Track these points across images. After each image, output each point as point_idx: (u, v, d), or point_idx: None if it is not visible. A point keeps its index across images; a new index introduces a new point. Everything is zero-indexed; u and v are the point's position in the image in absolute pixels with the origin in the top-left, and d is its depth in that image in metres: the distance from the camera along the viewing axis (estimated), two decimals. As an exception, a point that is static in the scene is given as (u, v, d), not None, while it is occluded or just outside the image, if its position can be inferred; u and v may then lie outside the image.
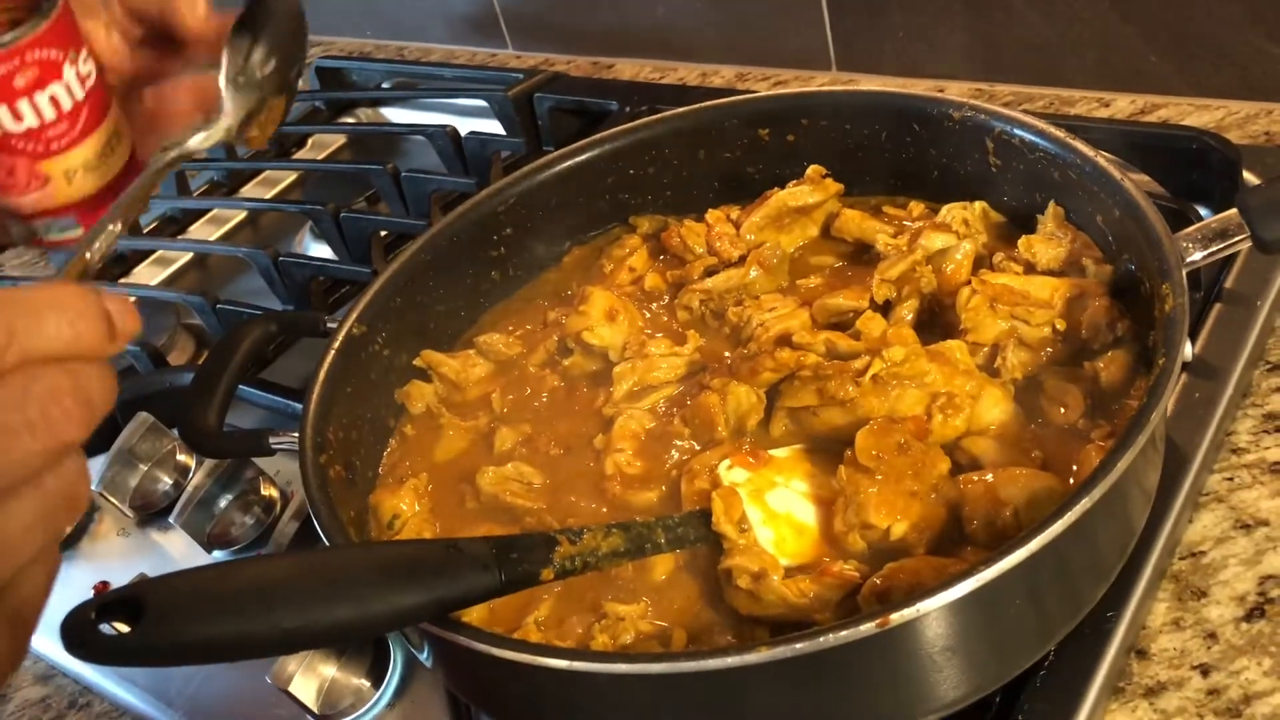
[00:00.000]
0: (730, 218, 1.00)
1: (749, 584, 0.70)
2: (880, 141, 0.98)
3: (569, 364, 0.93)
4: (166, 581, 0.56)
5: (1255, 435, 0.85)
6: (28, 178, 0.69)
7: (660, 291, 0.98)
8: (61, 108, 0.67)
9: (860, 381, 0.78)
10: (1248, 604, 0.74)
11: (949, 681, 0.65)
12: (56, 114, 0.67)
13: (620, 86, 1.52)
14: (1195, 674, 0.72)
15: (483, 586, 0.63)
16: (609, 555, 0.70)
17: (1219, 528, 0.80)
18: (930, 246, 0.88)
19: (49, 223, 0.71)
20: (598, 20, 1.61)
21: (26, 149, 0.68)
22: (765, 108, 1.01)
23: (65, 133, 0.68)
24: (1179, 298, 0.70)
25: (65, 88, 0.67)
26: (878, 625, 0.58)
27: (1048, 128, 0.86)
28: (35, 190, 0.70)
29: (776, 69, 1.48)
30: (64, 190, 0.70)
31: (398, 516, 0.83)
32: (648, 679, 0.63)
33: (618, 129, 1.03)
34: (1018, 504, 0.70)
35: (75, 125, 0.69)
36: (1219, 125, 1.15)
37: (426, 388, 0.94)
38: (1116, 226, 0.81)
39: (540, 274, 1.04)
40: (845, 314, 0.87)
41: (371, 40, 1.94)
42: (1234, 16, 1.12)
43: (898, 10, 1.32)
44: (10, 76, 0.64)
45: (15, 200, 0.70)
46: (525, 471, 0.84)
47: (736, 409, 0.82)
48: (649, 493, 0.81)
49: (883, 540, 0.71)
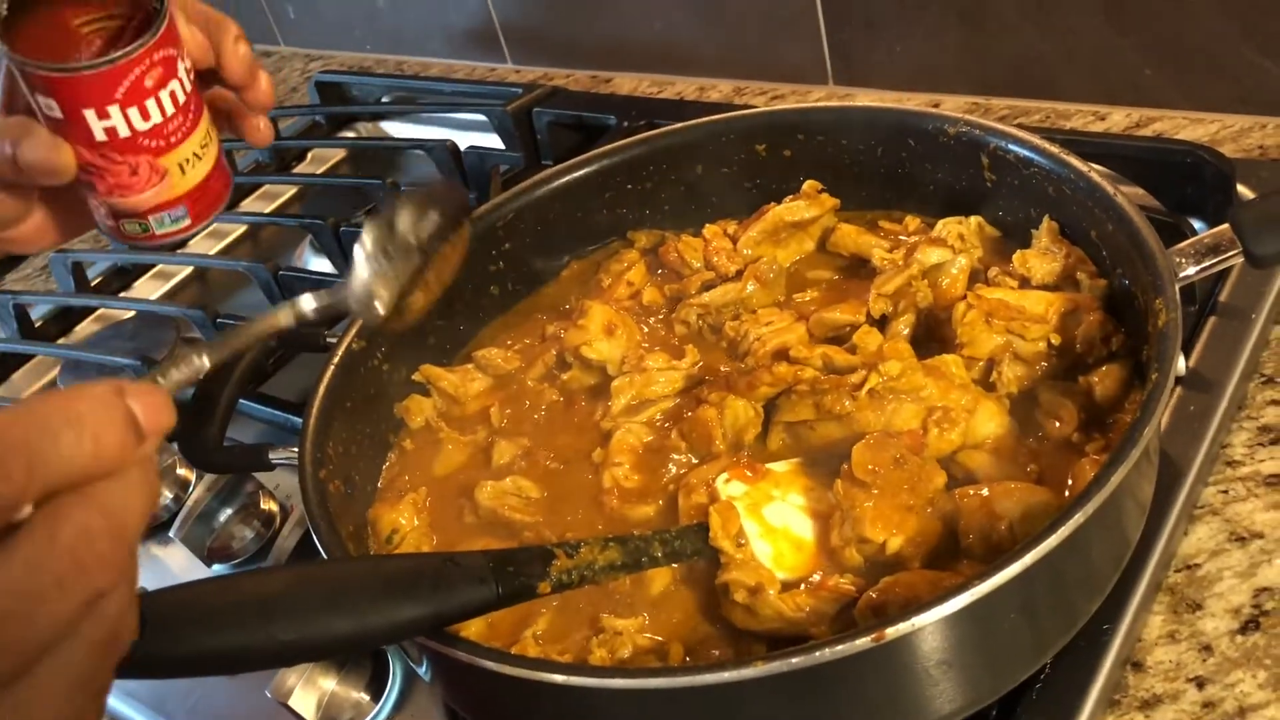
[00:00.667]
0: (727, 232, 1.01)
1: (745, 598, 0.70)
2: (876, 157, 0.98)
3: (567, 378, 0.93)
4: (167, 595, 0.57)
5: (1250, 448, 0.86)
6: (149, 173, 0.73)
7: (658, 306, 0.99)
8: (178, 101, 0.71)
9: (857, 396, 0.78)
10: (1243, 616, 0.75)
11: (945, 695, 0.65)
12: (174, 108, 0.71)
13: (618, 101, 1.53)
14: (1191, 686, 0.72)
15: (479, 600, 0.63)
16: (605, 569, 0.70)
17: (1214, 540, 0.80)
18: (926, 261, 0.89)
19: (163, 215, 0.75)
20: (596, 35, 1.62)
21: (150, 145, 0.71)
22: (761, 123, 1.02)
23: (180, 125, 0.72)
24: (1172, 312, 0.70)
25: (179, 82, 0.71)
26: (873, 639, 0.59)
27: (1042, 143, 0.87)
28: (154, 185, 0.73)
29: (774, 83, 1.49)
30: (179, 181, 0.74)
31: (396, 531, 0.84)
32: (645, 693, 0.63)
33: (615, 144, 1.04)
34: (1013, 518, 0.71)
35: (187, 117, 0.72)
36: (1214, 139, 1.16)
37: (425, 402, 0.94)
38: (1110, 241, 0.81)
39: (539, 288, 1.05)
40: (842, 328, 0.88)
41: (372, 55, 1.95)
42: (1228, 31, 1.13)
43: (894, 25, 1.33)
44: (141, 78, 0.68)
45: (135, 198, 0.73)
46: (523, 485, 0.84)
47: (734, 423, 0.83)
48: (646, 507, 0.81)
49: (879, 554, 0.72)
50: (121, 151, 0.71)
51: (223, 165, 0.78)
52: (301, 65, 2.00)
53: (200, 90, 0.74)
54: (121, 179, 0.72)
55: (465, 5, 1.72)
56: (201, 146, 0.75)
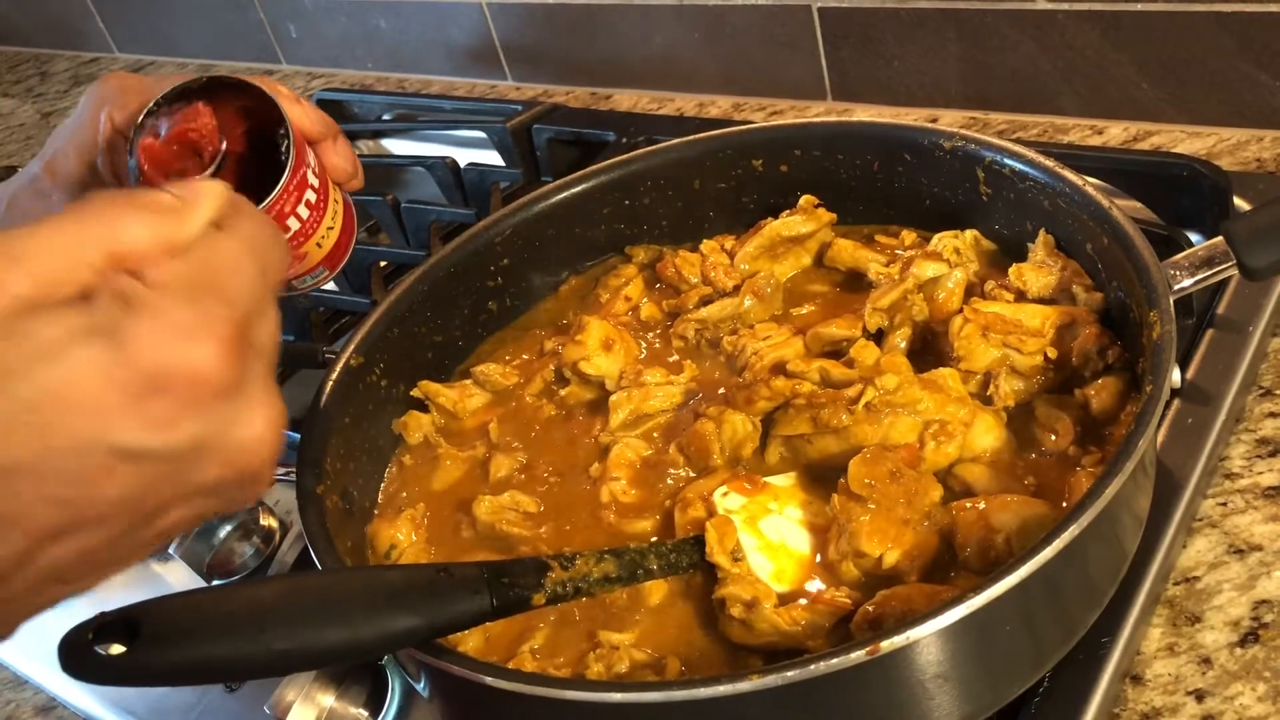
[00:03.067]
0: (725, 247, 1.01)
1: (742, 613, 0.70)
2: (872, 171, 0.98)
3: (565, 393, 0.94)
4: (162, 603, 0.57)
5: (1248, 460, 0.86)
6: (300, 259, 0.86)
7: (656, 321, 0.99)
8: (310, 204, 0.83)
9: (854, 409, 0.78)
10: (1242, 629, 0.75)
11: (942, 709, 0.65)
12: (309, 210, 0.83)
13: (617, 117, 1.54)
14: (1190, 700, 0.72)
15: (474, 611, 0.63)
16: (601, 581, 0.70)
17: (1213, 553, 0.80)
18: (922, 275, 0.89)
19: (304, 278, 0.88)
20: (595, 52, 1.62)
21: (297, 242, 0.84)
22: (758, 139, 1.02)
23: (314, 219, 0.84)
24: (1166, 325, 0.71)
25: (310, 189, 0.83)
26: (868, 653, 0.59)
27: (1037, 157, 0.87)
28: (294, 267, 0.87)
29: (772, 99, 1.50)
30: (316, 254, 0.87)
31: (395, 546, 0.84)
32: (641, 708, 0.63)
33: (614, 160, 1.04)
34: (1010, 531, 0.71)
35: (320, 209, 0.85)
36: (1210, 152, 1.16)
37: (424, 418, 0.94)
38: (1106, 254, 0.82)
39: (537, 304, 1.05)
40: (839, 343, 0.88)
41: (373, 73, 1.96)
42: (1225, 45, 1.13)
43: (892, 40, 1.34)
44: (281, 207, 0.81)
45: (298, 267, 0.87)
46: (521, 500, 0.85)
47: (732, 437, 0.83)
48: (644, 521, 0.81)
49: (875, 568, 0.72)
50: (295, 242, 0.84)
51: (350, 213, 0.89)
52: (303, 84, 2.01)
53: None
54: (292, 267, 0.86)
55: (466, 23, 1.73)
56: (333, 218, 0.86)
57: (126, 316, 0.47)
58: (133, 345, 0.47)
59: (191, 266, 0.50)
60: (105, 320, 0.47)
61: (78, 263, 0.48)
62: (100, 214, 0.50)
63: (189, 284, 0.50)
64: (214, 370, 0.49)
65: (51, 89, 2.39)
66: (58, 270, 0.47)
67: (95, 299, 0.47)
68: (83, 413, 0.46)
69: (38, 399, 0.45)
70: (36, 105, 2.34)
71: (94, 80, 2.33)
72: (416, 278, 0.97)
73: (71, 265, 0.47)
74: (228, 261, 0.52)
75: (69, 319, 0.46)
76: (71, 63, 2.47)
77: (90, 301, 0.47)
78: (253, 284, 0.53)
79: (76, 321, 0.46)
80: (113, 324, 0.47)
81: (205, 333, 0.49)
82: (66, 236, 0.48)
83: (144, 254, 0.49)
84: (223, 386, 0.49)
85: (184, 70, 2.25)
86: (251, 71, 2.13)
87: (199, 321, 0.49)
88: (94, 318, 0.47)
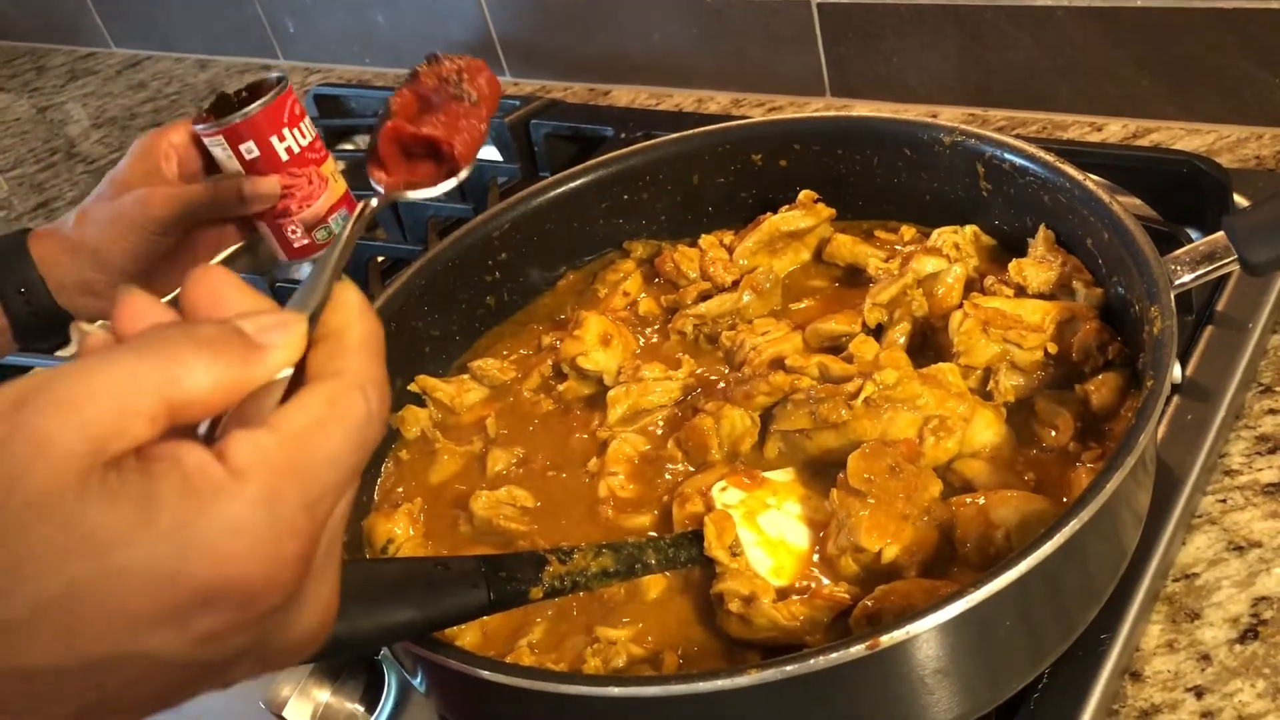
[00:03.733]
0: (723, 243, 1.01)
1: (740, 608, 0.70)
2: (872, 166, 0.98)
3: (563, 388, 0.93)
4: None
5: (1248, 457, 0.85)
6: (319, 181, 1.00)
7: (654, 316, 0.99)
8: (312, 127, 1.00)
9: (853, 405, 0.78)
10: (1241, 626, 0.74)
11: (941, 704, 0.65)
12: (313, 130, 1.00)
13: (616, 113, 1.53)
14: (1189, 696, 0.72)
15: (471, 604, 0.63)
16: (599, 575, 0.70)
17: (1212, 549, 0.80)
18: (921, 270, 0.89)
19: (337, 217, 1.02)
20: (594, 48, 1.62)
21: (313, 157, 1.00)
22: (757, 133, 1.02)
23: (321, 143, 1.01)
24: (1167, 320, 0.70)
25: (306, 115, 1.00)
26: (867, 647, 0.58)
27: (1037, 152, 0.87)
28: (324, 190, 1.01)
29: (771, 95, 1.49)
30: (336, 187, 1.02)
31: (392, 541, 0.83)
32: (639, 702, 0.62)
33: (612, 154, 1.04)
34: (1009, 526, 0.70)
35: (320, 139, 1.01)
36: (1210, 149, 1.16)
37: (421, 412, 0.94)
38: (1106, 249, 0.81)
39: (535, 299, 1.05)
40: (838, 338, 0.88)
41: (370, 68, 1.95)
42: (1224, 42, 1.13)
43: (891, 36, 1.34)
44: (292, 107, 0.98)
45: (316, 205, 1.01)
46: (518, 495, 0.84)
47: (730, 432, 0.82)
48: (642, 516, 0.81)
49: (875, 563, 0.71)
50: (300, 165, 0.99)
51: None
52: (301, 79, 2.00)
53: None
54: (304, 190, 0.99)
55: (463, 19, 1.73)
56: (334, 161, 1.03)
57: (189, 509, 0.39)
58: (191, 552, 0.39)
59: (284, 453, 0.41)
60: (162, 510, 0.39)
61: (133, 412, 0.39)
62: (159, 352, 0.41)
63: (275, 477, 0.41)
64: (279, 588, 0.41)
65: (48, 84, 2.38)
66: (109, 422, 0.39)
67: (153, 474, 0.39)
68: (118, 619, 0.39)
69: (67, 598, 0.38)
70: (32, 100, 2.33)
71: (90, 74, 2.33)
72: (413, 272, 0.97)
73: (125, 414, 0.39)
74: (326, 449, 0.43)
75: (119, 502, 0.38)
76: (68, 57, 2.47)
77: (146, 474, 0.39)
78: (349, 474, 0.44)
79: (127, 507, 0.38)
80: (171, 518, 0.39)
81: (278, 547, 0.41)
82: (120, 381, 0.39)
83: (206, 402, 0.41)
84: (283, 601, 0.42)
85: (180, 65, 2.25)
86: (249, 67, 2.13)
87: (276, 534, 0.41)
88: (148, 505, 0.39)
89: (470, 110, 0.78)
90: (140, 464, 0.39)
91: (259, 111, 0.96)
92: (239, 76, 2.11)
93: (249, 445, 0.41)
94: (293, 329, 0.44)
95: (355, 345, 0.46)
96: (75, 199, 1.88)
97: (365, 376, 0.45)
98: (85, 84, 2.31)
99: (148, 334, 0.42)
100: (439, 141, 0.76)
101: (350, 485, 0.45)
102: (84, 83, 2.32)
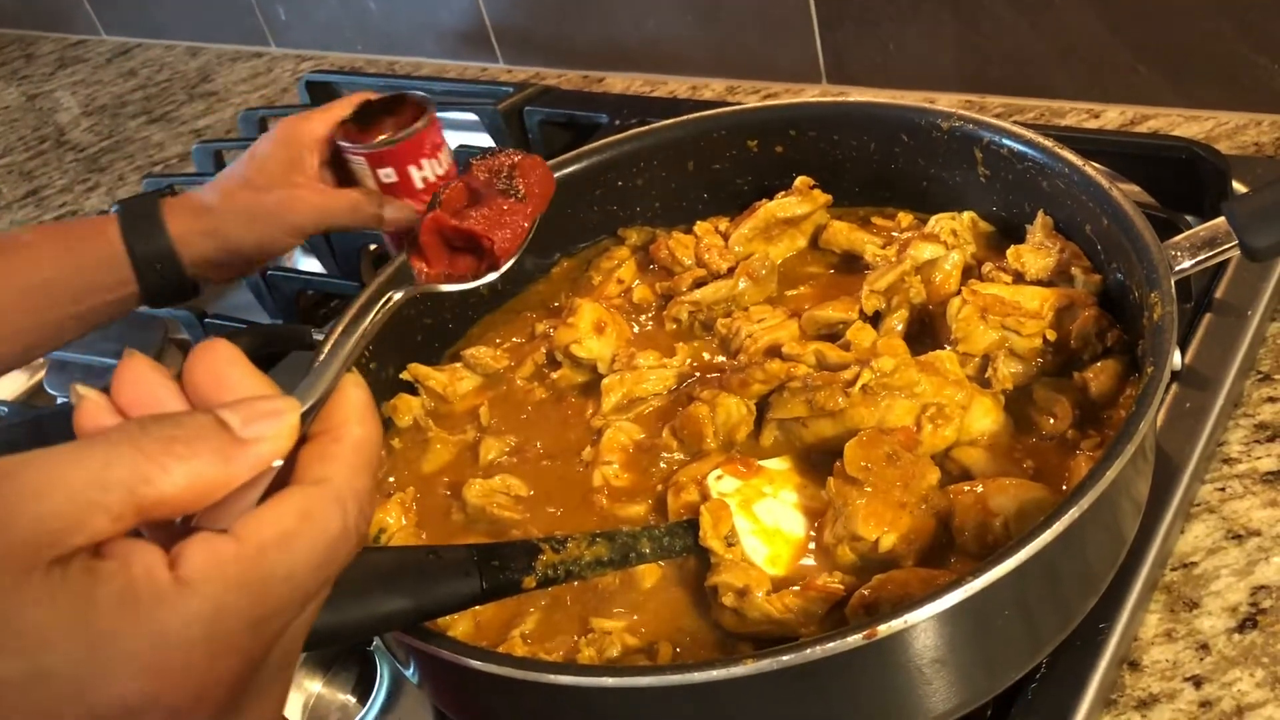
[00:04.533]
0: (719, 229, 1.00)
1: (734, 601, 0.69)
2: (869, 152, 0.97)
3: (557, 376, 0.92)
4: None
5: (1247, 445, 0.85)
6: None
7: (649, 303, 0.98)
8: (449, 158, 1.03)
9: (850, 392, 0.77)
10: (1240, 615, 0.74)
11: (939, 694, 0.64)
12: (450, 161, 1.03)
13: (610, 100, 1.52)
14: (1188, 686, 0.71)
15: (463, 593, 0.62)
16: (592, 564, 0.69)
17: (1211, 538, 0.79)
18: (919, 257, 0.88)
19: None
20: (588, 34, 1.61)
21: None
22: (753, 119, 1.01)
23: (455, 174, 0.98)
24: (1167, 306, 0.70)
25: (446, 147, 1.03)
26: (865, 637, 0.58)
27: (1036, 137, 0.86)
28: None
29: (767, 82, 1.49)
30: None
31: (384, 530, 0.82)
32: (634, 693, 0.62)
33: (606, 140, 1.03)
34: (1008, 514, 0.70)
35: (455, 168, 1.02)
36: (1209, 136, 1.15)
37: (414, 401, 0.93)
38: (1105, 236, 0.81)
39: (528, 286, 1.04)
40: (834, 325, 0.87)
41: (363, 55, 1.94)
42: (1222, 28, 1.12)
43: (888, 23, 1.33)
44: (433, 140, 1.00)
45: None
46: (512, 484, 0.83)
47: (726, 421, 0.81)
48: (637, 505, 0.80)
49: (872, 552, 0.71)
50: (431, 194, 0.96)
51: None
52: (292, 66, 1.99)
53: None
54: None
55: (456, 6, 1.72)
56: None
57: (124, 616, 0.38)
58: (119, 661, 0.37)
59: (239, 566, 0.40)
60: (99, 615, 0.37)
61: (93, 506, 0.38)
62: (137, 447, 0.39)
63: (223, 591, 0.39)
64: (208, 704, 0.40)
65: (37, 71, 2.36)
66: (68, 516, 0.38)
67: (98, 575, 0.38)
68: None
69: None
70: (21, 88, 2.31)
71: (80, 62, 2.31)
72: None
73: (88, 509, 0.38)
74: (287, 565, 0.41)
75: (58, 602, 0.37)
76: (57, 45, 2.45)
77: (92, 574, 0.38)
78: (310, 591, 0.42)
79: (64, 608, 0.37)
80: (106, 624, 0.37)
81: (211, 663, 0.39)
82: (90, 474, 0.38)
83: (179, 501, 0.40)
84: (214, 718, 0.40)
85: (171, 52, 2.23)
86: (240, 54, 2.11)
87: (212, 650, 0.39)
88: (86, 608, 0.37)
89: (516, 206, 0.79)
90: (88, 563, 0.38)
91: (403, 142, 0.98)
92: (230, 64, 2.09)
93: (204, 553, 0.39)
94: (284, 421, 0.43)
95: (347, 450, 0.45)
96: (65, 186, 1.87)
97: (349, 489, 0.44)
98: (75, 71, 2.30)
99: (129, 426, 0.41)
100: (479, 236, 0.77)
101: (313, 599, 0.43)
102: (73, 70, 2.31)
